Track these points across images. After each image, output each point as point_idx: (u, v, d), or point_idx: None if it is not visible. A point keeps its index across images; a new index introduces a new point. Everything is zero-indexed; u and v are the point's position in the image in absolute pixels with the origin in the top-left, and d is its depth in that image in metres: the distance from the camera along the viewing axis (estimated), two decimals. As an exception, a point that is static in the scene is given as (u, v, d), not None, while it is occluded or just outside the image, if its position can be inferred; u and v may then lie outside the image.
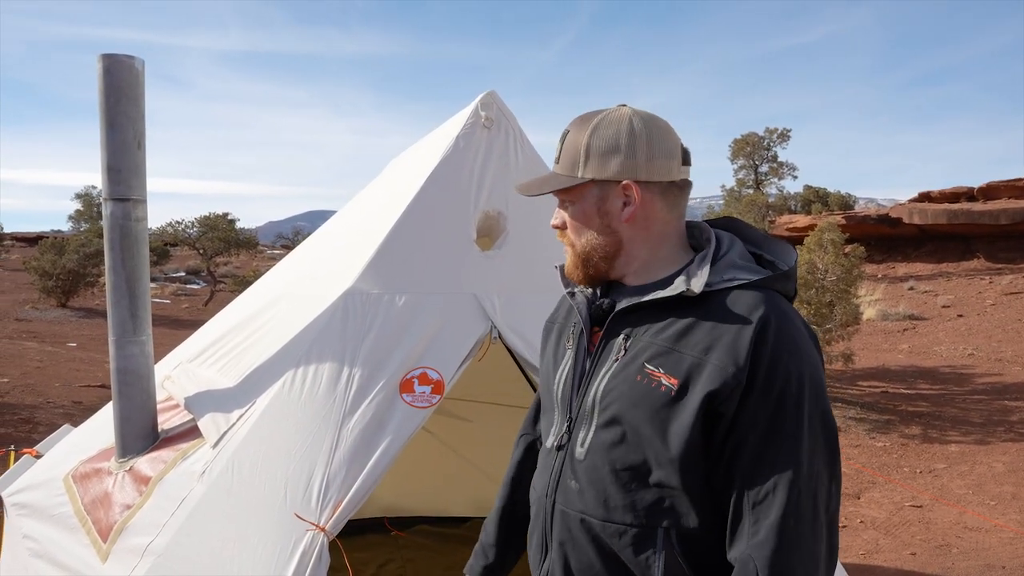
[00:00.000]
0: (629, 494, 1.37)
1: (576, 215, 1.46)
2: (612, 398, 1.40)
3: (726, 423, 1.29)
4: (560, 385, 1.53)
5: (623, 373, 1.39)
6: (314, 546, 2.09)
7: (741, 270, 1.40)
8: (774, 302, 1.35)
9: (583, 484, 1.42)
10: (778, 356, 1.29)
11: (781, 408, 1.28)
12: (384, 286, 2.56)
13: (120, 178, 2.47)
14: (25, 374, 10.00)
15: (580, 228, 1.46)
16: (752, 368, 1.27)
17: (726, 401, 1.28)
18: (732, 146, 28.27)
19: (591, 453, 1.42)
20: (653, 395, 1.34)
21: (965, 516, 6.18)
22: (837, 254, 10.08)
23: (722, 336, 1.31)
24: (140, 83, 2.50)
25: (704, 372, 1.29)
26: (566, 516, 1.44)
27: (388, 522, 4.50)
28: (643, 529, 1.36)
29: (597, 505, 1.40)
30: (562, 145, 1.45)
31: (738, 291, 1.36)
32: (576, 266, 1.49)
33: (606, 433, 1.40)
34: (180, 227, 24.79)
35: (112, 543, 2.31)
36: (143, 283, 2.55)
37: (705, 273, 1.38)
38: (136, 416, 2.54)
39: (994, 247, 25.35)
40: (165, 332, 14.18)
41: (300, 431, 2.32)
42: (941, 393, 11.14)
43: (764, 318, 1.30)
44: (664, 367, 1.34)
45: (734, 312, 1.33)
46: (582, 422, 1.45)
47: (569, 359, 1.53)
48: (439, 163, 2.73)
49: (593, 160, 1.41)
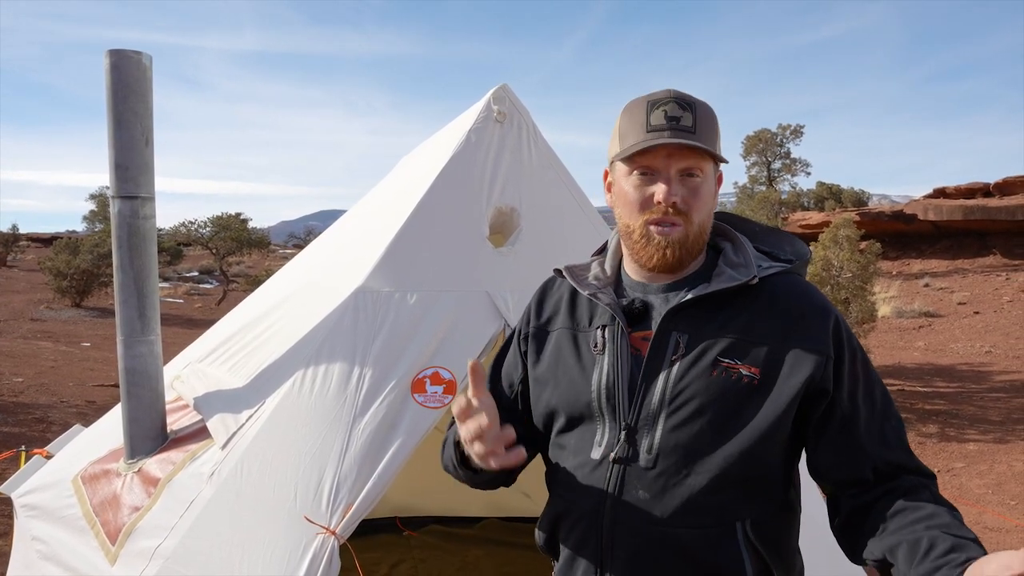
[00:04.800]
0: (707, 495, 1.34)
1: (705, 190, 1.40)
2: (686, 397, 1.35)
3: (827, 401, 1.36)
4: (602, 392, 1.42)
5: (693, 370, 1.36)
6: (325, 549, 2.05)
7: (767, 259, 1.46)
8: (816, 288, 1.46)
9: (654, 492, 1.36)
10: (849, 333, 1.40)
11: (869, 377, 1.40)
12: (395, 284, 2.51)
13: (128, 175, 2.44)
14: (39, 373, 10.05)
15: (704, 203, 1.40)
16: (837, 344, 1.37)
17: (824, 379, 1.34)
18: (745, 143, 28.11)
19: (662, 459, 1.36)
20: (736, 387, 1.34)
21: (984, 516, 6.09)
22: (852, 251, 9.98)
23: (798, 319, 1.37)
24: (148, 79, 2.46)
25: (790, 357, 1.35)
26: (636, 529, 1.36)
27: (400, 522, 4.47)
28: (724, 528, 1.35)
29: (673, 513, 1.34)
30: (695, 115, 1.38)
31: (775, 278, 1.42)
32: (683, 246, 1.39)
33: (679, 434, 1.35)
34: (193, 227, 24.93)
35: (121, 546, 2.28)
36: (151, 282, 2.52)
37: (751, 263, 1.42)
38: (145, 417, 2.51)
39: (1011, 243, 25.09)
40: (178, 331, 14.25)
41: (310, 432, 2.28)
42: (958, 391, 11.02)
43: (827, 301, 1.42)
44: (740, 358, 1.35)
45: (794, 297, 1.40)
46: (645, 427, 1.37)
47: (606, 364, 1.43)
48: (451, 158, 2.68)
49: (719, 139, 1.42)
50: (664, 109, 1.37)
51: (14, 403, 8.17)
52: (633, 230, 1.42)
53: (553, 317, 1.57)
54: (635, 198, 1.40)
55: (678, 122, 1.36)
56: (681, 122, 1.36)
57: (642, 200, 1.40)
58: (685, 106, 1.37)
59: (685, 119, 1.36)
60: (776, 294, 1.39)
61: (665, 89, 1.41)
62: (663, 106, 1.37)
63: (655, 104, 1.38)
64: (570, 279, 1.54)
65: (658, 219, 1.38)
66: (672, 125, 1.36)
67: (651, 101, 1.38)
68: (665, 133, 1.35)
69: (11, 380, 9.35)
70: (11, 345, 12.58)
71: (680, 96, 1.38)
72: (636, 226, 1.41)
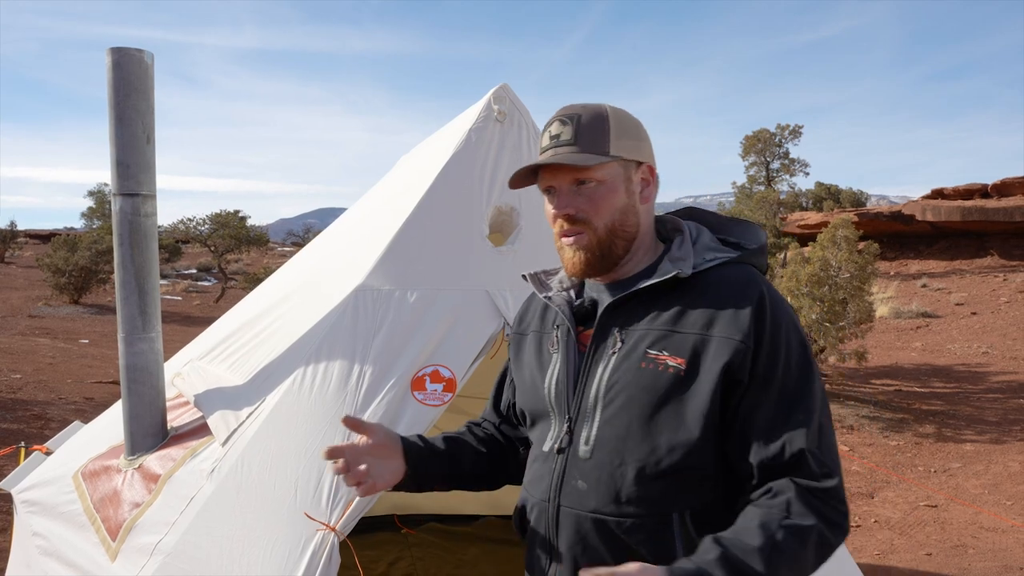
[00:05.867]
0: (642, 486, 1.37)
1: (601, 193, 1.45)
2: (617, 390, 1.40)
3: (742, 390, 1.35)
4: (552, 389, 1.52)
5: (625, 364, 1.41)
6: (325, 546, 2.06)
7: (717, 251, 1.48)
8: (758, 275, 1.45)
9: (591, 483, 1.41)
10: (778, 319, 1.38)
11: (788, 366, 1.36)
12: (395, 282, 2.53)
13: (129, 173, 2.45)
14: (38, 370, 10.05)
15: (605, 207, 1.45)
16: (757, 332, 1.35)
17: (740, 369, 1.33)
18: (743, 143, 28.10)
19: (597, 450, 1.42)
20: (662, 378, 1.36)
21: (981, 516, 6.12)
22: (851, 251, 9.99)
23: (721, 310, 1.37)
24: (149, 77, 2.47)
25: (711, 347, 1.35)
26: (575, 518, 1.43)
27: (398, 520, 4.48)
28: (659, 518, 1.37)
29: (608, 502, 1.39)
30: (577, 126, 1.44)
31: (720, 269, 1.44)
32: (592, 251, 1.45)
33: (612, 427, 1.40)
34: (192, 224, 24.90)
35: (121, 542, 2.29)
36: (152, 279, 2.53)
37: (690, 256, 1.45)
38: (145, 413, 2.52)
39: (1008, 244, 25.13)
40: (176, 329, 14.25)
41: (311, 429, 2.29)
42: (955, 391, 11.05)
43: (759, 289, 1.39)
44: (667, 349, 1.38)
45: (726, 287, 1.40)
46: (584, 420, 1.45)
47: (558, 362, 1.52)
48: (451, 158, 2.69)
49: (620, 140, 1.46)
50: (549, 129, 1.47)
51: (12, 399, 8.18)
52: (557, 242, 1.52)
53: (530, 321, 1.67)
54: (548, 215, 1.51)
55: (559, 139, 1.45)
56: (561, 138, 1.45)
57: (550, 216, 1.50)
58: (567, 120, 1.45)
59: (565, 134, 1.45)
60: (710, 285, 1.41)
61: (561, 107, 1.50)
62: (549, 127, 1.48)
63: (546, 126, 1.49)
64: (531, 284, 1.63)
65: (563, 232, 1.48)
66: (553, 144, 1.46)
67: (546, 124, 1.49)
68: (547, 153, 1.46)
69: (9, 377, 9.35)
70: (9, 342, 12.58)
71: (565, 112, 1.47)
72: (557, 239, 1.51)
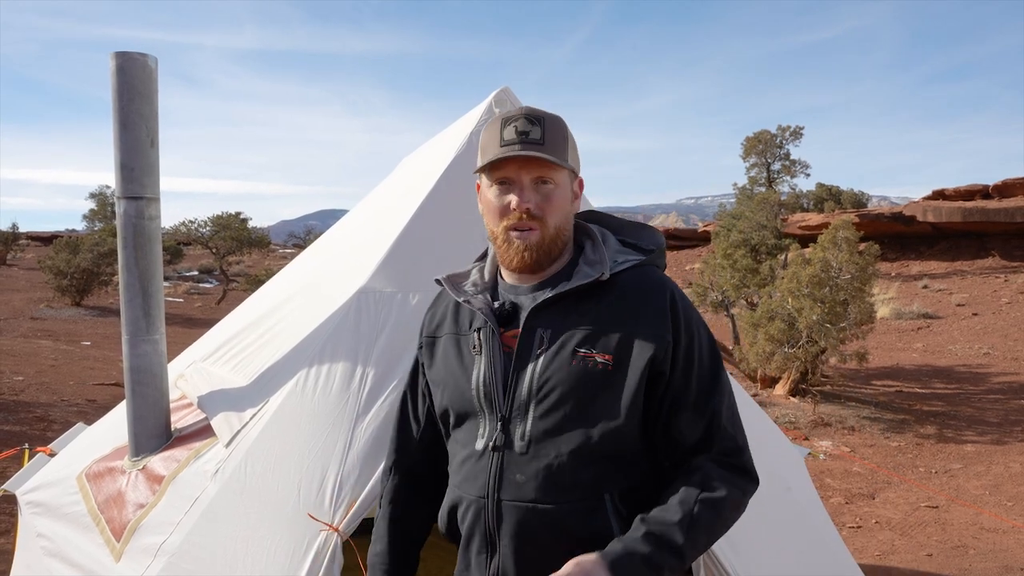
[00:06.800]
0: (576, 473, 1.47)
1: (557, 195, 1.54)
2: (550, 387, 1.49)
3: (664, 380, 1.49)
4: (480, 388, 1.56)
5: (555, 362, 1.50)
6: (328, 546, 2.08)
7: (626, 254, 1.60)
8: (665, 275, 1.60)
9: (529, 475, 1.49)
10: (688, 315, 1.55)
11: (702, 356, 1.53)
12: (397, 284, 2.54)
13: (133, 176, 2.46)
14: (40, 372, 10.07)
15: (558, 209, 1.54)
16: (675, 329, 1.51)
17: (663, 361, 1.49)
18: (744, 144, 28.09)
19: (533, 444, 1.50)
20: (591, 374, 1.48)
21: (982, 517, 6.12)
22: (851, 252, 9.99)
23: (641, 308, 1.51)
24: (153, 81, 2.49)
25: (636, 342, 1.49)
26: (516, 509, 1.49)
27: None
28: (594, 500, 1.48)
29: (547, 491, 1.47)
30: (544, 128, 1.52)
31: (631, 270, 1.56)
32: (540, 249, 1.53)
33: (547, 421, 1.49)
34: (193, 226, 24.93)
35: (125, 542, 2.31)
36: (156, 281, 2.55)
37: (604, 259, 1.55)
38: (149, 415, 2.54)
39: (1009, 245, 25.13)
40: (178, 330, 14.26)
41: (313, 431, 2.31)
42: (956, 392, 11.05)
43: (669, 289, 1.55)
44: (595, 347, 1.49)
45: (643, 287, 1.54)
46: (517, 417, 1.51)
47: (482, 363, 1.56)
48: (453, 160, 2.71)
49: (571, 151, 1.58)
50: (515, 125, 1.52)
51: (15, 401, 8.19)
52: (496, 235, 1.57)
53: (441, 324, 1.70)
54: (496, 206, 1.55)
55: (527, 136, 1.51)
56: (530, 136, 1.51)
57: (501, 208, 1.54)
58: (534, 121, 1.52)
59: (534, 133, 1.52)
60: (626, 286, 1.54)
61: (520, 107, 1.57)
62: (514, 122, 1.53)
63: (508, 121, 1.53)
64: (447, 287, 1.67)
65: (515, 224, 1.53)
66: (522, 139, 1.51)
67: (505, 118, 1.54)
68: (516, 146, 1.51)
69: (12, 379, 9.37)
70: (11, 344, 12.60)
71: (531, 112, 1.54)
72: (499, 232, 1.56)
